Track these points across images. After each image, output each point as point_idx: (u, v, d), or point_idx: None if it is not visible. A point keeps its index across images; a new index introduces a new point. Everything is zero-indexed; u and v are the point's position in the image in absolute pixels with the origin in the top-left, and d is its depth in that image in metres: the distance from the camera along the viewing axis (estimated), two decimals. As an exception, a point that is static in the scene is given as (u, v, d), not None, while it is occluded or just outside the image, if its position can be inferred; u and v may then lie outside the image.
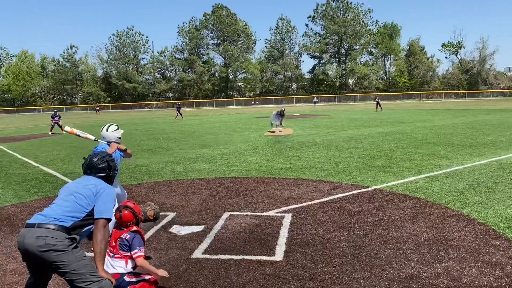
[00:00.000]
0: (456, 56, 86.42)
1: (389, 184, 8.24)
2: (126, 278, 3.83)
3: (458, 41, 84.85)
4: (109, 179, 3.78)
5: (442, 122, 23.52)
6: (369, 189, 7.91)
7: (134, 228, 3.98)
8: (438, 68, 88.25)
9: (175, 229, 5.94)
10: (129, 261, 3.89)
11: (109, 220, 3.44)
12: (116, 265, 3.86)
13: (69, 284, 3.27)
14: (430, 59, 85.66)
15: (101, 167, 3.72)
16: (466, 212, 6.23)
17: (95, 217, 3.39)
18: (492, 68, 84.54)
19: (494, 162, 10.20)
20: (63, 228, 3.23)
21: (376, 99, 41.91)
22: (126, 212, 3.99)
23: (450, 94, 76.69)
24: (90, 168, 3.72)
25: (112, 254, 3.90)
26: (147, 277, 3.91)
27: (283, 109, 21.02)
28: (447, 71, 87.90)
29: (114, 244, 3.90)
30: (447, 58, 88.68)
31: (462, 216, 6.07)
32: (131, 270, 3.91)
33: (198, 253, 5.01)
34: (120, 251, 3.88)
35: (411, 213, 6.30)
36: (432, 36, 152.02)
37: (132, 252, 3.86)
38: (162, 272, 3.91)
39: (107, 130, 5.65)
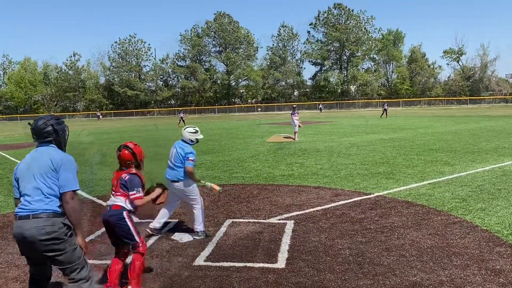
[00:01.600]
0: (458, 62, 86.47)
1: (392, 191, 8.21)
2: (124, 214, 4.04)
3: (459, 48, 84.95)
4: (59, 144, 3.53)
5: (444, 128, 23.49)
6: (372, 196, 7.89)
7: (134, 170, 4.17)
8: (440, 75, 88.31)
9: (177, 236, 5.93)
10: (126, 200, 4.10)
11: (75, 191, 3.36)
12: (118, 200, 4.08)
13: (61, 270, 3.37)
14: (431, 66, 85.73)
15: (47, 131, 3.46)
16: (469, 218, 6.21)
17: (61, 191, 3.30)
18: (494, 74, 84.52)
19: (497, 168, 10.17)
20: (56, 214, 3.26)
21: (385, 106, 41.80)
22: (125, 151, 4.16)
23: (452, 100, 76.62)
24: (36, 134, 3.48)
25: (114, 192, 4.14)
26: (137, 235, 4.09)
27: (294, 106, 21.21)
28: (448, 77, 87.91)
29: (115, 183, 4.13)
30: (448, 64, 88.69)
31: (465, 223, 6.04)
32: (131, 208, 4.11)
33: (200, 261, 5.00)
34: (120, 190, 4.09)
35: (414, 220, 6.27)
36: (433, 43, 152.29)
37: (130, 193, 4.05)
38: (157, 192, 4.37)
39: (184, 129, 6.20)
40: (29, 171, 3.37)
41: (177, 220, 6.75)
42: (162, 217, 6.00)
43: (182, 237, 5.86)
